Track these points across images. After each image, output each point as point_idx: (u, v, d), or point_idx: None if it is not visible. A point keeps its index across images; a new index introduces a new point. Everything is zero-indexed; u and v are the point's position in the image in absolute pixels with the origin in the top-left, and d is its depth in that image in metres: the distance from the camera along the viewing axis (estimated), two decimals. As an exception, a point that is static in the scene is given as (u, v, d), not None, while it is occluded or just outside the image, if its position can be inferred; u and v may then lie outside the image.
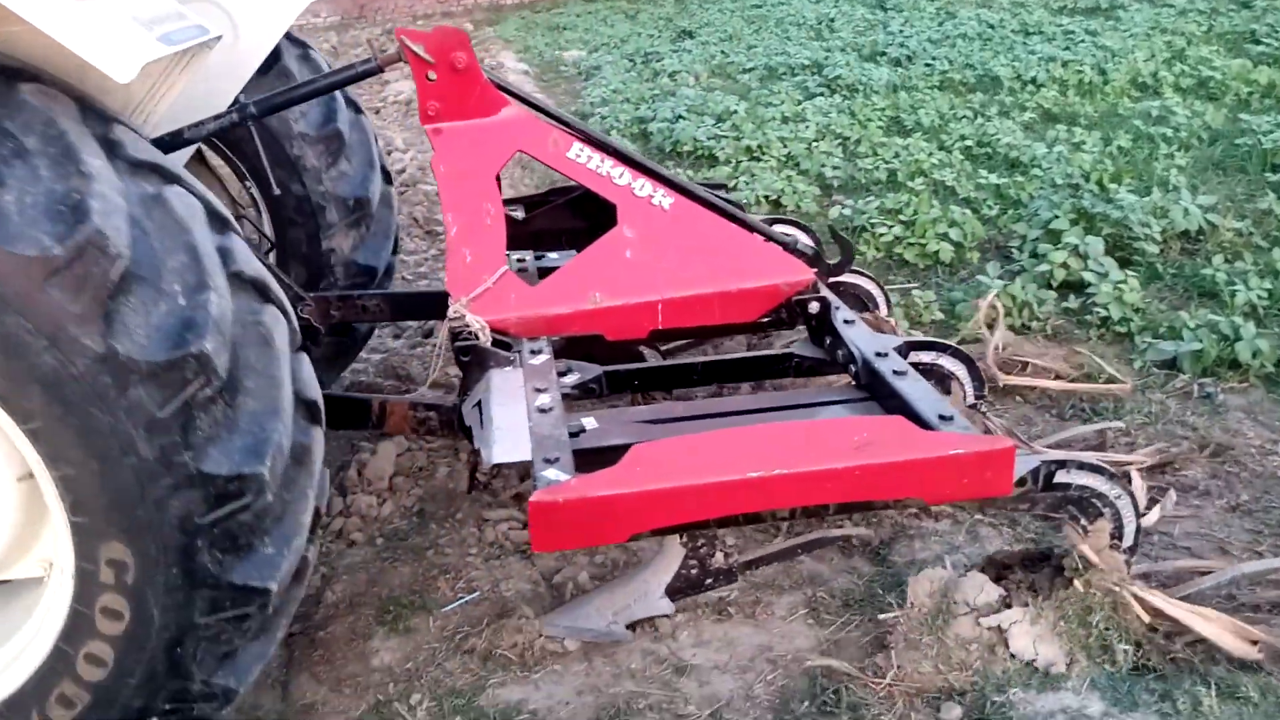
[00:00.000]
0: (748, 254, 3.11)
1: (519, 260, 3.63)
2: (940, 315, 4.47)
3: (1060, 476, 2.49)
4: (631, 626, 2.69)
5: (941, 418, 2.43)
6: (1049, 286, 4.53)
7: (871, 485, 2.26)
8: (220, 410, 1.92)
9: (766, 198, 6.12)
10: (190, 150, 3.19)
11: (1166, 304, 4.46)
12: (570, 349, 3.01)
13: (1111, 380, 3.79)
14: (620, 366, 3.06)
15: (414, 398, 3.26)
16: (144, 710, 2.03)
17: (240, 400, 1.97)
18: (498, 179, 3.03)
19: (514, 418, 2.59)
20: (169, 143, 2.97)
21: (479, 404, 2.74)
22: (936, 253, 5.06)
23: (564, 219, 3.66)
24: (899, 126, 7.55)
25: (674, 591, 2.64)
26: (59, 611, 1.99)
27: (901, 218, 5.33)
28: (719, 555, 2.61)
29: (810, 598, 2.81)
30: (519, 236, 3.66)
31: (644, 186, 3.04)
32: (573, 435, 2.55)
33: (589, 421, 2.72)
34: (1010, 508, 2.84)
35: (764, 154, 6.92)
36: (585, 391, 2.98)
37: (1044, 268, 4.60)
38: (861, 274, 3.85)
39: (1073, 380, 3.84)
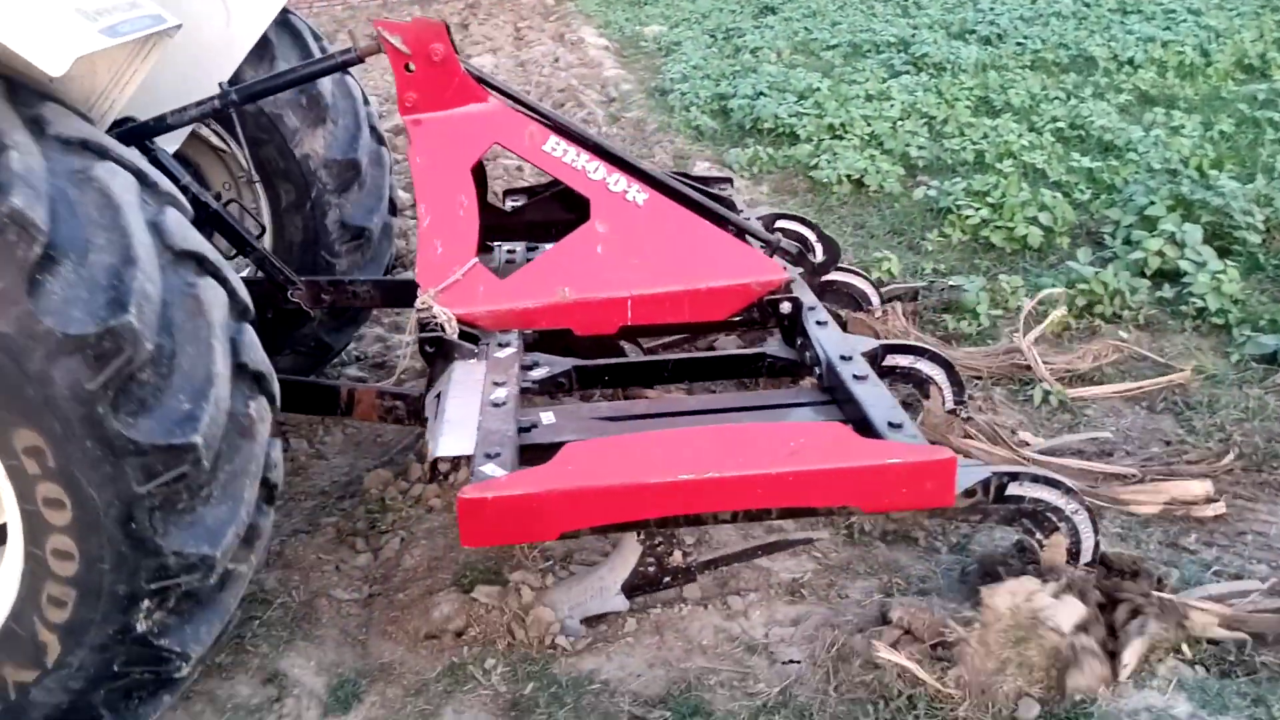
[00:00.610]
0: (719, 252, 3.06)
1: (509, 251, 3.63)
2: (1026, 301, 4.35)
3: (1012, 489, 2.44)
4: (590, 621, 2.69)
5: (891, 425, 2.38)
6: (1142, 275, 4.38)
7: (804, 491, 2.23)
8: (151, 382, 1.94)
9: (849, 177, 6.03)
10: (185, 131, 3.29)
11: (1268, 296, 4.27)
12: (549, 343, 3.01)
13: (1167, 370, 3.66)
14: (590, 362, 3.02)
15: (381, 386, 3.28)
16: (102, 678, 2.08)
17: (173, 372, 2.00)
18: (476, 172, 3.01)
19: (466, 411, 2.60)
20: (153, 127, 3.07)
21: (439, 395, 2.75)
22: (1025, 237, 4.93)
23: (556, 210, 3.59)
24: (988, 107, 7.36)
25: (631, 589, 2.65)
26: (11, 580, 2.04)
27: (989, 200, 5.20)
28: (677, 554, 2.61)
29: (885, 583, 2.78)
30: (512, 228, 3.66)
31: (619, 182, 2.99)
32: (526, 430, 2.57)
33: (547, 416, 2.72)
34: (961, 519, 2.75)
35: (847, 132, 6.81)
36: (555, 386, 2.98)
37: (1138, 255, 4.44)
38: (855, 273, 3.84)
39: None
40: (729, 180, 4.33)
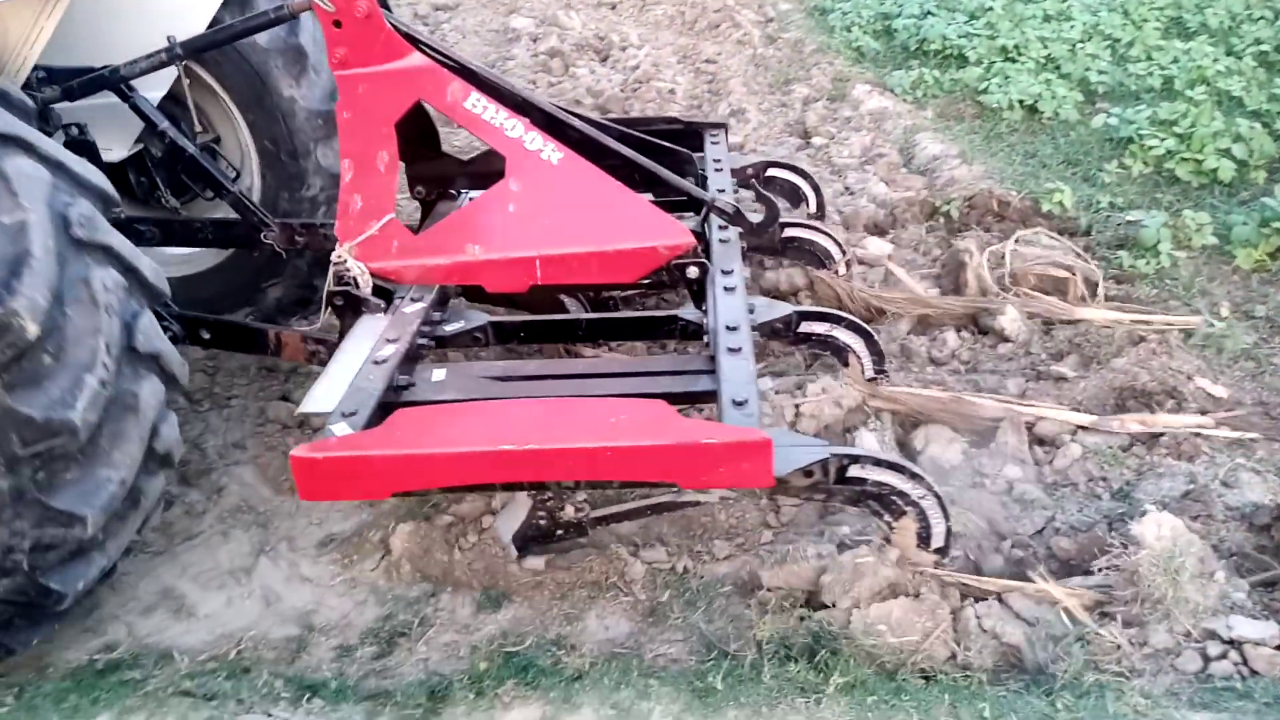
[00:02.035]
0: (627, 215, 2.97)
1: (473, 199, 3.56)
2: (1213, 240, 4.05)
3: (854, 471, 2.45)
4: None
5: (735, 403, 2.38)
6: (1350, 215, 4.00)
7: (622, 466, 2.27)
8: (38, 361, 2.19)
9: (1021, 102, 5.69)
10: (172, 72, 3.42)
11: None
12: (500, 298, 3.04)
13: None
14: (506, 318, 3.11)
15: (305, 331, 3.33)
16: None
17: (60, 354, 2.24)
18: (421, 125, 3.00)
19: (346, 368, 2.69)
20: (107, 78, 3.23)
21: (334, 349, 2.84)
22: (1215, 170, 4.56)
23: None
24: (1180, 28, 6.78)
25: (523, 540, 2.69)
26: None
27: (1176, 130, 4.82)
28: (569, 509, 2.67)
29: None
30: (474, 175, 3.59)
31: (534, 140, 2.94)
32: (403, 388, 2.66)
33: (438, 374, 2.79)
34: (805, 497, 2.69)
35: (1020, 55, 6.40)
36: (471, 340, 3.06)
37: (1345, 192, 4.05)
38: (819, 229, 3.79)
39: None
40: (722, 126, 4.25)
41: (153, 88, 3.42)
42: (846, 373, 3.15)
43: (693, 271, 3.02)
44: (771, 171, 4.23)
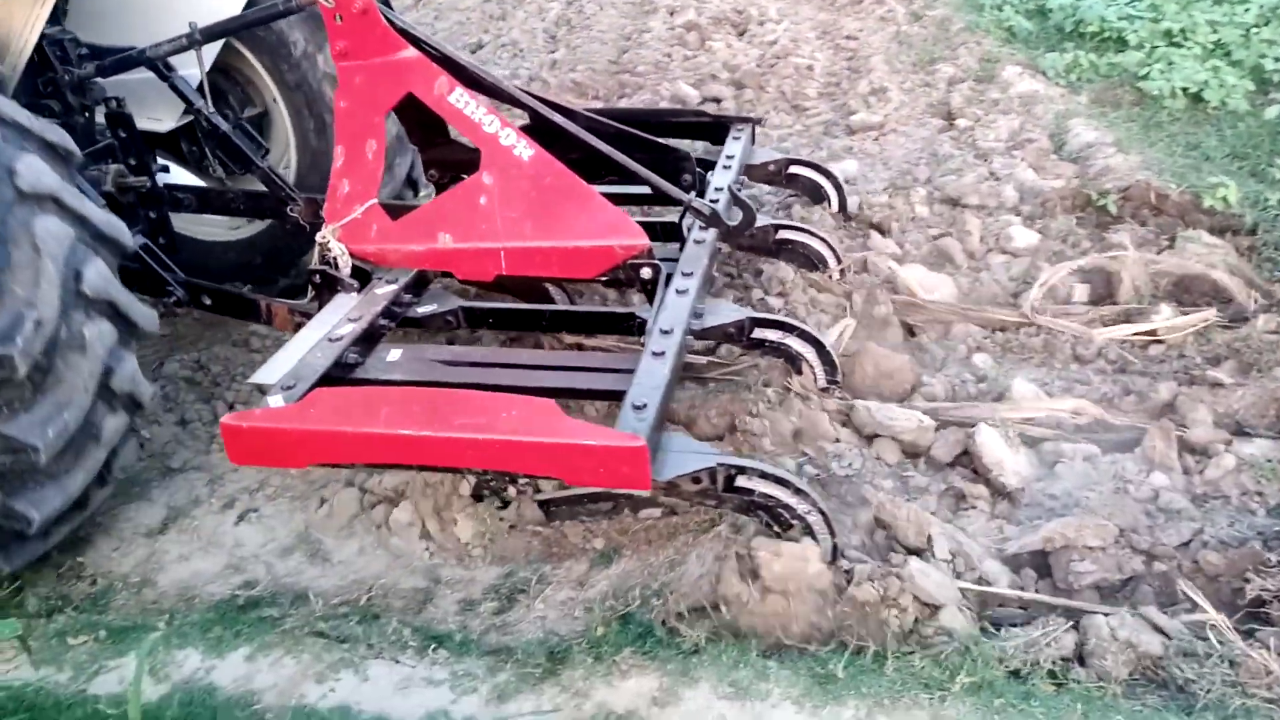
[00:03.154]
0: (588, 214, 3.07)
1: None
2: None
3: (741, 481, 2.49)
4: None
5: (635, 407, 2.44)
6: None
7: (510, 459, 2.37)
8: None
9: (1185, 90, 5.36)
10: (213, 52, 3.74)
11: None
12: (503, 286, 3.30)
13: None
14: (476, 304, 3.28)
15: (292, 304, 3.42)
16: None
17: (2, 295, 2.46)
18: (414, 113, 3.22)
19: (303, 343, 2.86)
20: (135, 58, 3.54)
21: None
22: (1400, 168, 4.20)
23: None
24: (1375, 12, 6.25)
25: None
26: None
27: (1365, 126, 4.46)
28: (511, 490, 2.86)
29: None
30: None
31: (509, 136, 3.04)
32: (356, 365, 2.83)
33: (395, 354, 2.97)
34: (696, 502, 2.69)
35: (1187, 39, 6.02)
36: (443, 323, 3.22)
37: None
38: (813, 233, 3.79)
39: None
40: (750, 121, 4.28)
41: (191, 63, 3.68)
42: (800, 380, 3.18)
43: (646, 272, 3.06)
44: (794, 169, 4.24)
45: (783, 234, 3.78)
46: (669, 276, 3.07)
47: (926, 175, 4.99)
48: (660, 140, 3.72)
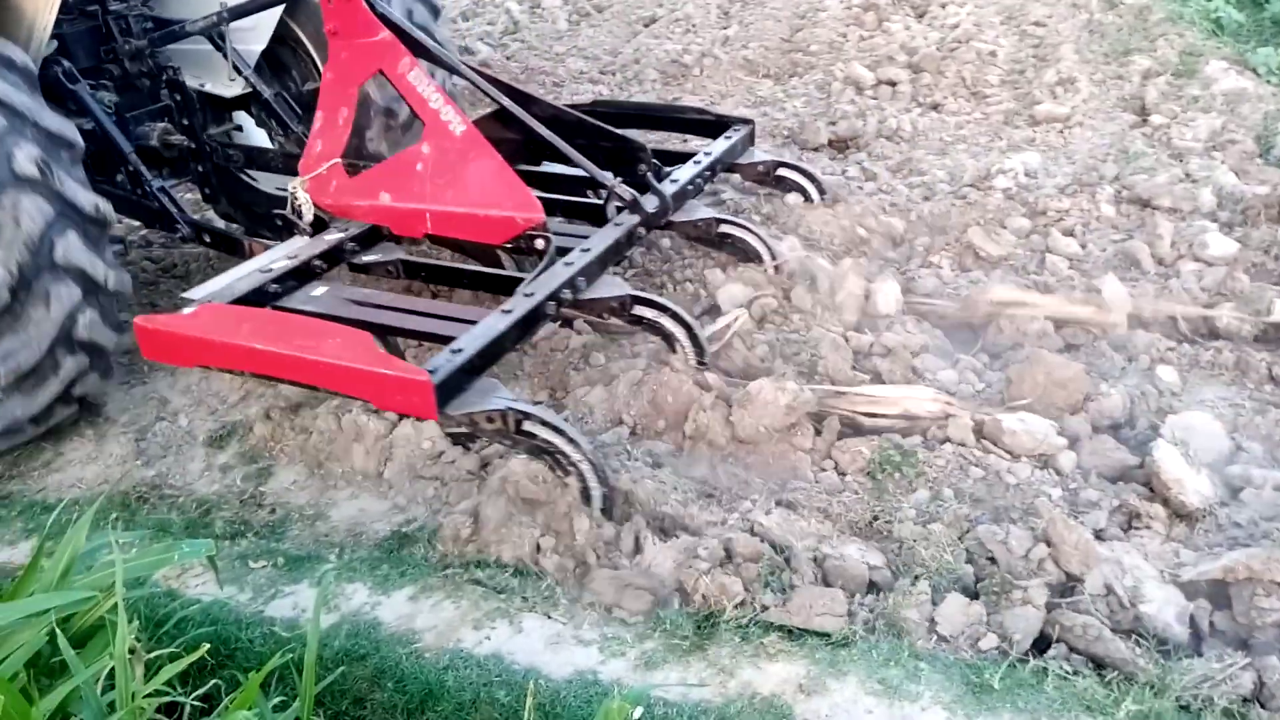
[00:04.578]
0: (498, 187, 3.44)
1: None
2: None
3: (527, 425, 2.78)
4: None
5: (452, 351, 2.81)
6: None
7: (329, 378, 2.78)
8: None
9: None
10: (269, 27, 4.25)
11: None
12: (460, 245, 3.70)
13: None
14: (414, 258, 3.66)
15: (267, 243, 3.80)
16: None
17: None
18: (366, 91, 3.80)
19: (239, 271, 3.39)
20: (175, 33, 4.18)
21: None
22: None
23: (495, 129, 3.92)
24: None
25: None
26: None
27: None
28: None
29: None
30: None
31: (448, 113, 3.48)
32: (280, 295, 3.29)
33: (320, 289, 3.40)
34: (494, 440, 3.03)
35: None
36: (385, 271, 3.63)
37: None
38: (750, 230, 3.96)
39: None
40: (746, 122, 4.51)
41: (250, 38, 4.28)
42: (673, 358, 3.38)
43: (539, 243, 3.41)
44: (781, 171, 4.46)
45: (724, 228, 3.96)
46: (566, 250, 3.39)
47: (1114, 173, 4.73)
48: (618, 132, 4.05)
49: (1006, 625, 2.45)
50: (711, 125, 4.55)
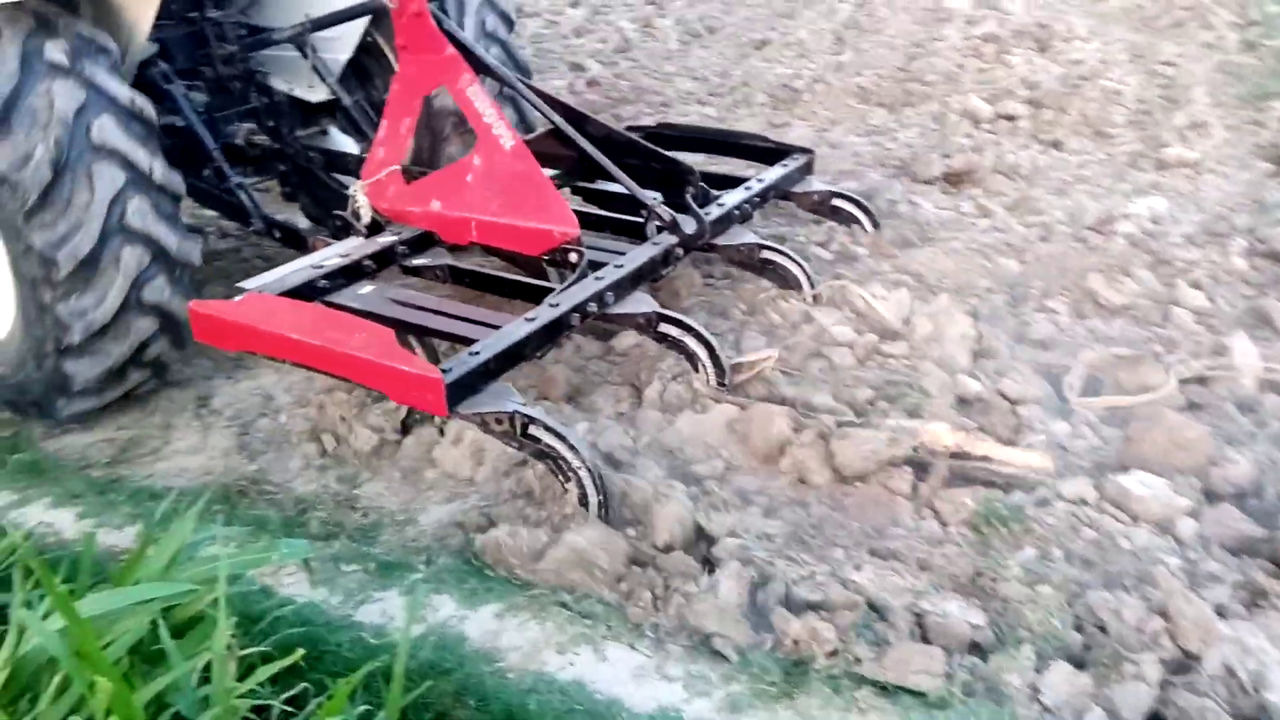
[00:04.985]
0: (539, 202, 3.60)
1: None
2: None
3: (533, 430, 2.86)
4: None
5: (470, 353, 2.97)
6: None
7: (352, 370, 2.96)
8: (51, 211, 3.34)
9: None
10: (354, 36, 4.44)
11: None
12: (491, 250, 3.83)
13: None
14: (462, 264, 3.78)
15: (328, 240, 3.97)
16: (36, 379, 3.63)
17: (66, 206, 3.36)
18: (433, 102, 4.04)
19: (293, 266, 3.61)
20: (265, 40, 4.46)
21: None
22: None
23: (553, 146, 4.17)
24: None
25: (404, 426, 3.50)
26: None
27: None
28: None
29: None
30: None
31: (499, 127, 3.65)
32: (329, 290, 3.51)
33: (368, 288, 3.61)
34: (504, 442, 3.00)
35: None
36: (433, 275, 3.79)
37: None
38: (791, 257, 3.99)
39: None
40: (806, 151, 4.59)
41: (336, 48, 4.51)
42: (695, 376, 3.44)
43: (572, 256, 3.56)
44: (836, 201, 4.53)
45: (766, 254, 4.01)
46: (600, 265, 3.52)
47: (1248, 224, 4.51)
48: (668, 154, 4.17)
49: (1115, 700, 2.32)
50: (770, 153, 4.64)
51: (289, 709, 2.13)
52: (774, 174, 4.36)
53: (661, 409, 3.44)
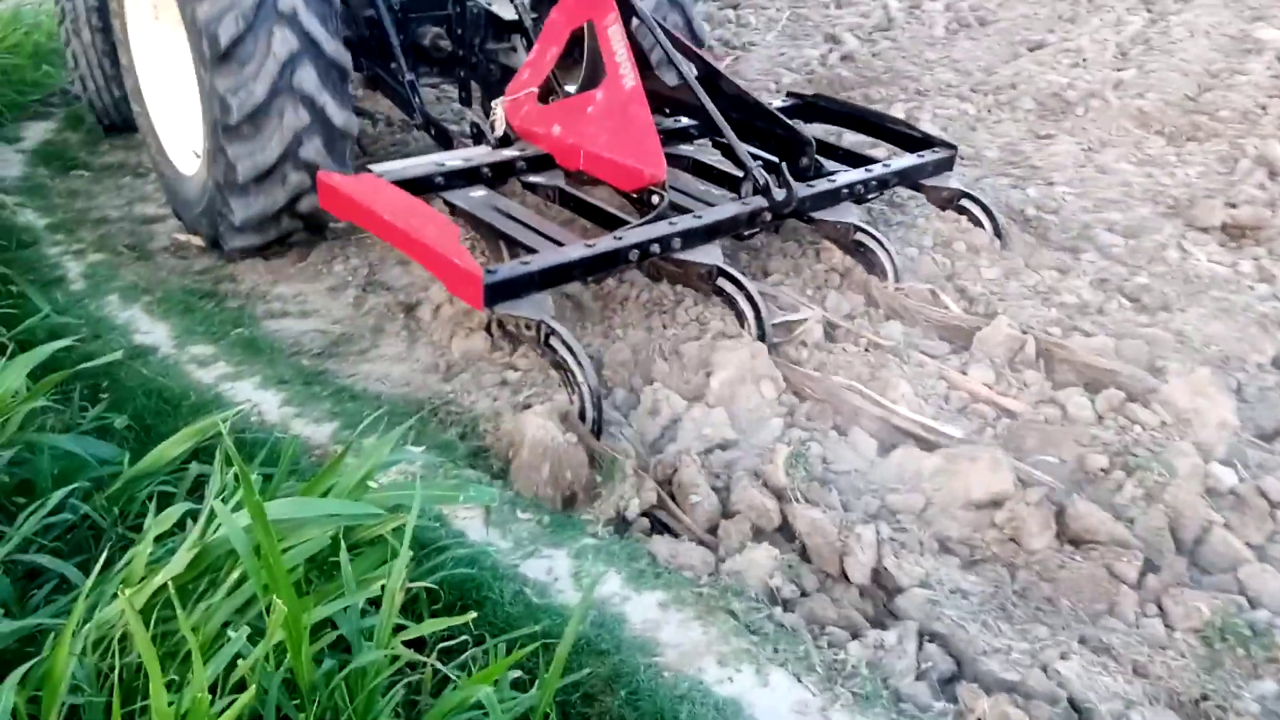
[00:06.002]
0: (640, 142, 3.80)
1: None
2: None
3: (552, 340, 3.15)
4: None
5: (521, 262, 3.27)
6: None
7: (418, 253, 3.34)
8: (233, 71, 3.89)
9: None
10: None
11: None
12: (597, 180, 4.02)
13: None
14: (574, 189, 4.03)
15: (468, 142, 4.41)
16: (214, 209, 4.29)
17: (245, 62, 3.88)
18: (576, 36, 4.14)
19: (423, 159, 4.05)
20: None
21: None
22: None
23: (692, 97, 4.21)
24: None
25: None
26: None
27: None
28: None
29: None
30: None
31: (625, 67, 3.88)
32: (445, 188, 3.93)
33: (480, 191, 3.95)
34: (530, 348, 3.39)
35: None
36: (545, 195, 4.11)
37: None
38: (881, 243, 3.97)
39: None
40: (949, 146, 4.57)
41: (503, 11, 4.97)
42: (743, 331, 3.54)
43: (654, 199, 3.79)
44: (964, 201, 4.48)
45: (859, 236, 4.03)
46: (684, 210, 3.70)
47: None
48: (790, 122, 4.30)
49: None
50: (914, 141, 4.69)
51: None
52: (902, 162, 4.41)
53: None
